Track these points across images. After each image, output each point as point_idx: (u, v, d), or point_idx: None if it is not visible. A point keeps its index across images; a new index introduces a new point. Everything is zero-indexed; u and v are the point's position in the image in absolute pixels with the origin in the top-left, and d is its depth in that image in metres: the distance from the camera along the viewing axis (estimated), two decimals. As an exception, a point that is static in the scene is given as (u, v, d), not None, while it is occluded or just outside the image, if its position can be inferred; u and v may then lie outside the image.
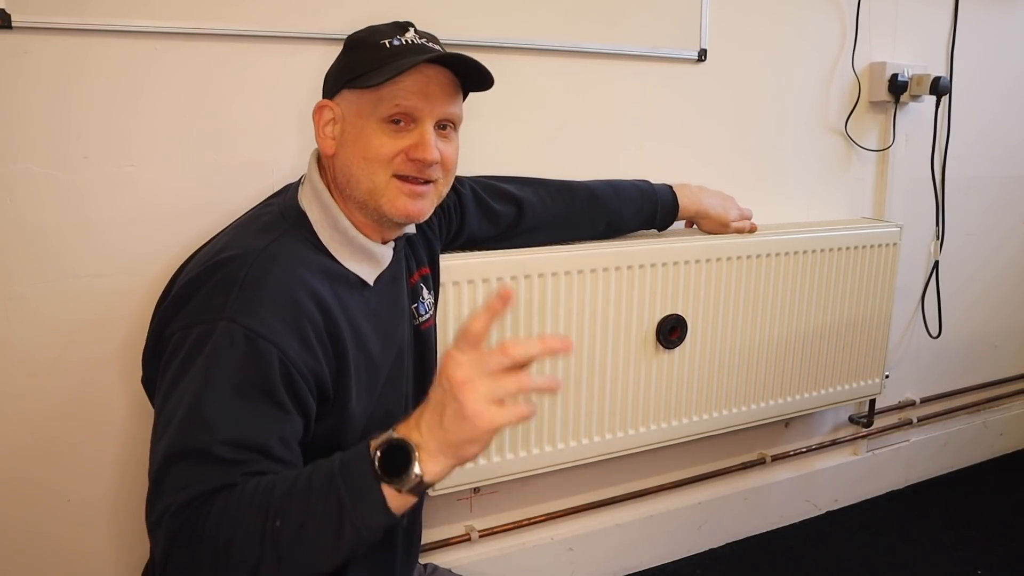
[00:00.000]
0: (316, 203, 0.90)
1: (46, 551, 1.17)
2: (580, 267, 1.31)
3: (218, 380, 0.75)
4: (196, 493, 0.70)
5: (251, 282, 0.79)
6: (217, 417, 0.74)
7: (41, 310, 1.09)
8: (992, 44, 1.91)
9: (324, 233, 0.89)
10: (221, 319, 0.77)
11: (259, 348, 0.76)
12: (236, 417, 0.75)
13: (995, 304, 2.12)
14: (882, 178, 1.82)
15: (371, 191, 0.88)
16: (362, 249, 0.91)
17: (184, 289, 0.83)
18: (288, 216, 0.90)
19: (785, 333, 1.58)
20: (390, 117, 0.87)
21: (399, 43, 0.88)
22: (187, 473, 0.72)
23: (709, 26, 1.51)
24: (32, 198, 1.06)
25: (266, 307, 0.78)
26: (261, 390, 0.76)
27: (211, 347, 0.76)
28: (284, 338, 0.78)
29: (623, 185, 1.34)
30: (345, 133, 0.89)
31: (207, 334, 0.77)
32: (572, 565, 1.60)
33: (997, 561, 1.75)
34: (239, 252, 0.83)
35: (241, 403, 0.75)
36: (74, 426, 1.14)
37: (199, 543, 0.69)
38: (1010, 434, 2.26)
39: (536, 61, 1.36)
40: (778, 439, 1.83)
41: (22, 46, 1.02)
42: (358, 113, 0.88)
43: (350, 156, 0.88)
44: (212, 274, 0.81)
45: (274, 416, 0.77)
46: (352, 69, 0.88)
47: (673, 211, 1.37)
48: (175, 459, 0.73)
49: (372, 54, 0.88)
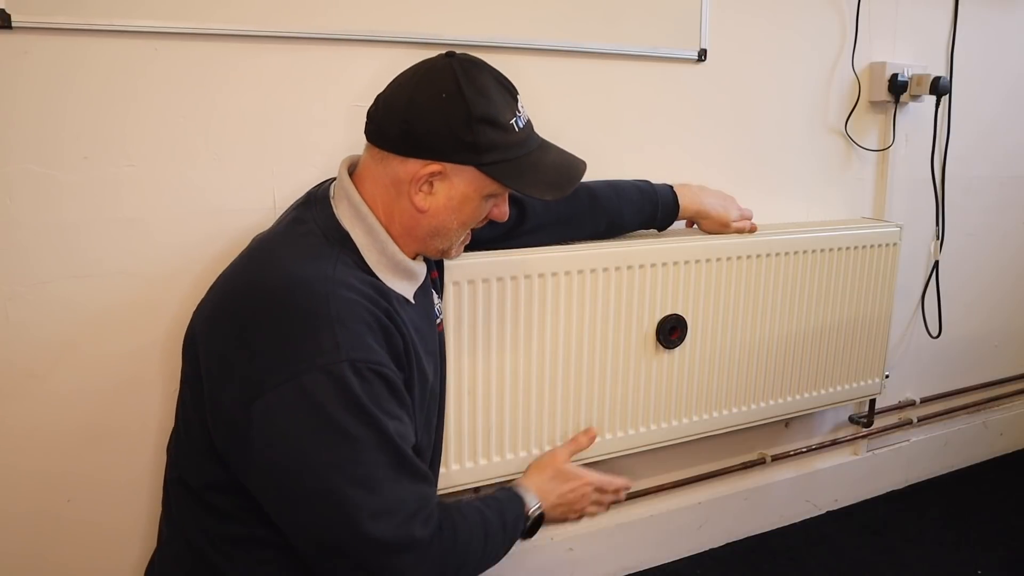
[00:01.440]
0: (360, 225, 0.91)
1: (46, 551, 1.17)
2: (580, 267, 1.31)
3: (366, 405, 0.81)
4: (436, 518, 0.87)
5: (343, 317, 0.82)
6: (395, 436, 0.83)
7: (42, 310, 1.09)
8: (992, 44, 1.91)
9: (371, 256, 0.92)
10: (340, 360, 0.80)
11: (384, 375, 0.84)
12: (401, 431, 0.85)
13: (995, 304, 2.12)
14: (882, 178, 1.82)
15: (451, 245, 0.97)
16: (406, 270, 0.95)
17: (257, 319, 0.83)
18: (332, 237, 0.90)
19: (785, 333, 1.58)
20: (498, 192, 0.94)
21: (521, 124, 0.92)
22: (409, 487, 0.85)
23: (709, 26, 1.51)
24: (32, 198, 1.06)
25: (367, 336, 0.84)
26: (399, 403, 0.86)
27: (348, 384, 0.80)
28: (389, 359, 0.86)
29: (623, 185, 1.34)
30: (452, 200, 0.91)
31: (336, 375, 0.80)
32: (572, 565, 1.60)
33: (997, 561, 1.75)
34: (307, 282, 0.84)
35: (390, 417, 0.84)
36: (74, 426, 1.14)
37: (452, 554, 0.89)
38: (1010, 434, 2.26)
39: (536, 61, 1.36)
40: (778, 439, 1.83)
41: (22, 46, 1.02)
42: (474, 188, 0.91)
43: (450, 220, 0.93)
44: (290, 308, 0.82)
45: (410, 419, 0.89)
46: (489, 155, 0.89)
47: (674, 211, 1.37)
48: (394, 478, 0.83)
49: (507, 141, 0.90)
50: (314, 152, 1.21)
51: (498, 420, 1.31)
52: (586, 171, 0.98)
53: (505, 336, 1.28)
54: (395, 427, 0.84)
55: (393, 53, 1.23)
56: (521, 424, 1.33)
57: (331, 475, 0.80)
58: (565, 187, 0.94)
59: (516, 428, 1.33)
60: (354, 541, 0.80)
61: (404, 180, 0.90)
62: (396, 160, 0.89)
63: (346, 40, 1.19)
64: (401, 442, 0.84)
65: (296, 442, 0.80)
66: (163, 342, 1.17)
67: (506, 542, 0.99)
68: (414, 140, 0.88)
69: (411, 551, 0.82)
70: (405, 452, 0.84)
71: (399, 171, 0.90)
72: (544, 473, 1.13)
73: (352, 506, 0.80)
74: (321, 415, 0.79)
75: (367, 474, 0.81)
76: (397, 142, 0.89)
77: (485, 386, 1.28)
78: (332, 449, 0.80)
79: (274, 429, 0.80)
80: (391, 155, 0.90)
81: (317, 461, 0.80)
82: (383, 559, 0.82)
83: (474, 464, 1.31)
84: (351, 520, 0.79)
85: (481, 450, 1.31)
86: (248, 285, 0.87)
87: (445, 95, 0.87)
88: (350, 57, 1.21)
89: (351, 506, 0.80)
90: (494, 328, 1.26)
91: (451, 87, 0.87)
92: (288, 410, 0.79)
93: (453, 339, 1.24)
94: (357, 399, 0.80)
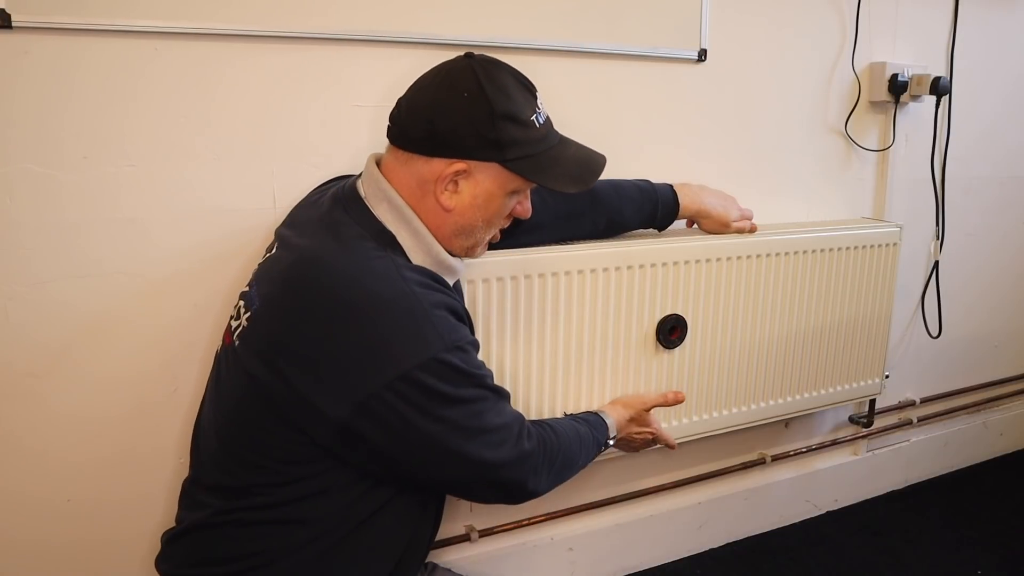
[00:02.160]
0: (406, 228, 0.94)
1: (46, 551, 1.17)
2: (580, 267, 1.31)
3: (475, 372, 0.92)
4: (534, 431, 1.01)
5: (428, 309, 0.88)
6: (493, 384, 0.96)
7: (41, 310, 1.09)
8: (992, 44, 1.91)
9: (417, 256, 0.95)
10: (450, 348, 0.88)
11: (473, 343, 0.94)
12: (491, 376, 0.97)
13: (995, 304, 2.12)
14: (882, 178, 1.82)
15: (477, 243, 1.00)
16: (449, 268, 0.98)
17: (351, 328, 0.86)
18: (380, 239, 0.93)
19: (785, 333, 1.58)
20: (521, 189, 0.97)
21: (541, 120, 0.96)
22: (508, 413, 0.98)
23: (709, 26, 1.51)
24: (32, 198, 1.06)
25: (452, 317, 0.91)
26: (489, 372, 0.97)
27: (467, 371, 0.90)
28: (469, 332, 0.95)
29: (623, 184, 1.35)
30: (477, 198, 0.94)
31: (443, 364, 0.87)
32: (572, 565, 1.60)
33: (997, 561, 1.75)
34: (384, 286, 0.88)
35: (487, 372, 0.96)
36: (74, 426, 1.14)
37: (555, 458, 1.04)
38: (1010, 434, 2.26)
39: (536, 61, 1.35)
40: (778, 439, 1.83)
41: (22, 46, 1.02)
42: (499, 185, 0.94)
43: (476, 218, 0.96)
44: (381, 316, 0.86)
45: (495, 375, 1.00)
46: (512, 151, 0.91)
47: (674, 210, 1.37)
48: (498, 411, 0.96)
49: (528, 137, 0.93)
50: (314, 152, 1.21)
51: (498, 420, 1.31)
52: (606, 165, 1.02)
53: (505, 336, 1.28)
54: (489, 376, 0.95)
55: (393, 53, 1.23)
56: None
57: (453, 439, 0.90)
58: (588, 180, 0.98)
59: (516, 428, 1.33)
60: (486, 473, 0.95)
61: (429, 180, 0.92)
62: (421, 161, 0.91)
63: (346, 40, 1.20)
64: (492, 380, 0.96)
65: (419, 427, 0.87)
66: (163, 341, 1.17)
67: (592, 453, 1.16)
68: (438, 139, 0.90)
69: (527, 460, 0.98)
70: (499, 388, 0.97)
71: (424, 171, 0.92)
72: (627, 411, 1.29)
73: (477, 453, 0.92)
74: (437, 396, 0.87)
75: (482, 423, 0.92)
76: (421, 143, 0.91)
77: (485, 386, 1.28)
78: (449, 420, 0.89)
79: (392, 422, 0.86)
80: (416, 156, 0.92)
81: (439, 434, 0.89)
82: (508, 473, 0.96)
83: (474, 464, 1.31)
84: (480, 462, 0.93)
85: (481, 450, 1.31)
86: (325, 296, 0.87)
87: (467, 94, 0.89)
88: (350, 57, 1.21)
89: (476, 454, 0.92)
90: (494, 328, 1.26)
91: (473, 86, 0.89)
92: (407, 403, 0.86)
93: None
94: (465, 372, 0.90)
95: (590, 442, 1.15)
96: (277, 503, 0.92)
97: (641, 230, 1.40)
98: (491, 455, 0.93)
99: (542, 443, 1.01)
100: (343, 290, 0.87)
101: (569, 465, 1.09)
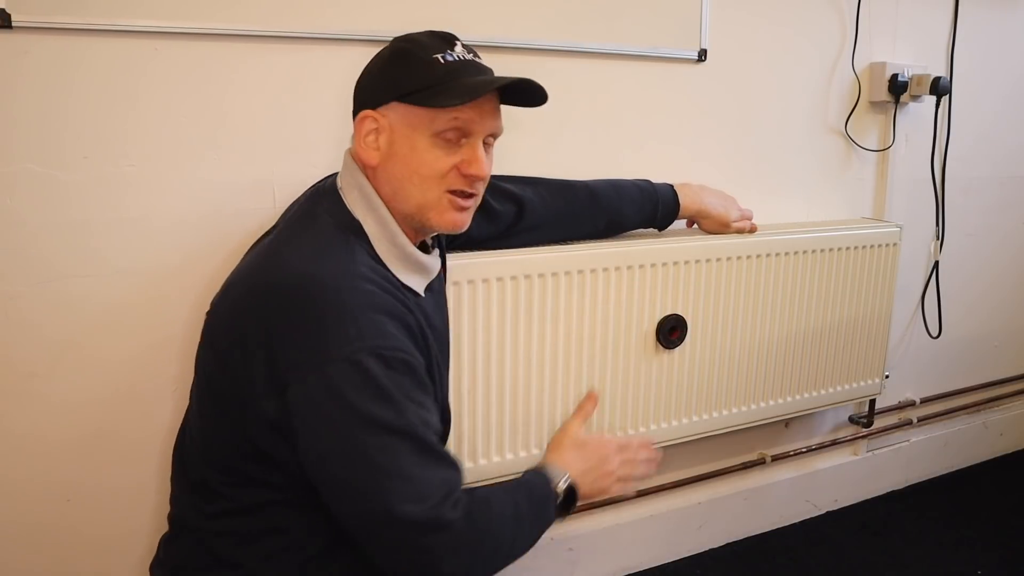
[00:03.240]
0: (372, 216, 0.91)
1: (46, 551, 1.17)
2: (580, 267, 1.31)
3: (391, 393, 0.81)
4: (464, 502, 0.85)
5: (364, 307, 0.83)
6: (418, 422, 0.83)
7: (41, 310, 1.09)
8: (992, 44, 1.91)
9: (381, 247, 0.91)
10: (363, 350, 0.80)
11: (408, 362, 0.84)
12: (425, 417, 0.85)
13: (995, 304, 2.12)
14: (882, 178, 1.82)
15: (421, 206, 0.91)
16: (417, 263, 0.94)
17: (286, 316, 0.82)
18: (347, 229, 0.90)
19: (785, 333, 1.58)
20: (444, 132, 0.88)
21: (453, 59, 0.89)
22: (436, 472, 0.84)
23: (709, 26, 1.51)
24: (32, 198, 1.06)
25: (388, 325, 0.84)
26: (422, 390, 0.86)
27: (371, 373, 0.80)
28: (410, 346, 0.86)
29: (624, 184, 1.34)
30: (394, 145, 0.89)
31: (358, 364, 0.80)
32: (572, 565, 1.60)
33: (997, 561, 1.75)
34: (326, 279, 0.83)
35: (413, 404, 0.84)
36: (74, 426, 1.14)
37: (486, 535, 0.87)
38: (1010, 434, 2.26)
39: (536, 61, 1.36)
40: (778, 439, 1.83)
41: (22, 46, 1.02)
42: (411, 127, 0.88)
43: (400, 170, 0.90)
44: (316, 305, 0.82)
45: (432, 409, 0.88)
46: (407, 83, 0.88)
47: (674, 210, 1.37)
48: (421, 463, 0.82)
49: (428, 70, 0.87)
50: (314, 152, 1.21)
51: (498, 420, 1.31)
52: (530, 86, 0.91)
53: (505, 336, 1.28)
54: (418, 413, 0.84)
55: (393, 53, 1.23)
56: (521, 424, 1.33)
57: (361, 463, 0.80)
58: (477, 91, 0.87)
59: (516, 428, 1.33)
60: (389, 523, 0.81)
61: (355, 146, 0.92)
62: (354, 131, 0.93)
63: (347, 40, 1.20)
64: (424, 428, 0.84)
65: (326, 432, 0.81)
66: (163, 341, 1.17)
67: (539, 522, 0.95)
68: (356, 103, 0.93)
69: (444, 531, 0.82)
70: (429, 438, 0.84)
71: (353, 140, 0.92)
72: (561, 446, 1.08)
73: (384, 491, 0.80)
74: (346, 405, 0.79)
75: (395, 460, 0.81)
76: (353, 115, 0.93)
77: (485, 386, 1.28)
78: (360, 438, 0.80)
79: (305, 421, 0.81)
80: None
81: (346, 450, 0.80)
82: (418, 539, 0.81)
83: (474, 464, 1.31)
84: (384, 504, 0.80)
85: (481, 450, 1.31)
86: (267, 285, 0.86)
87: (378, 55, 0.92)
88: (350, 57, 1.21)
89: (383, 491, 0.80)
90: (494, 328, 1.26)
91: (385, 49, 0.92)
92: (316, 402, 0.80)
93: (453, 339, 1.23)
94: (381, 387, 0.80)
95: (532, 514, 0.94)
96: (245, 509, 0.90)
97: (641, 230, 1.40)
98: (399, 507, 0.79)
99: (470, 519, 0.84)
100: (285, 278, 0.84)
101: (503, 550, 0.90)
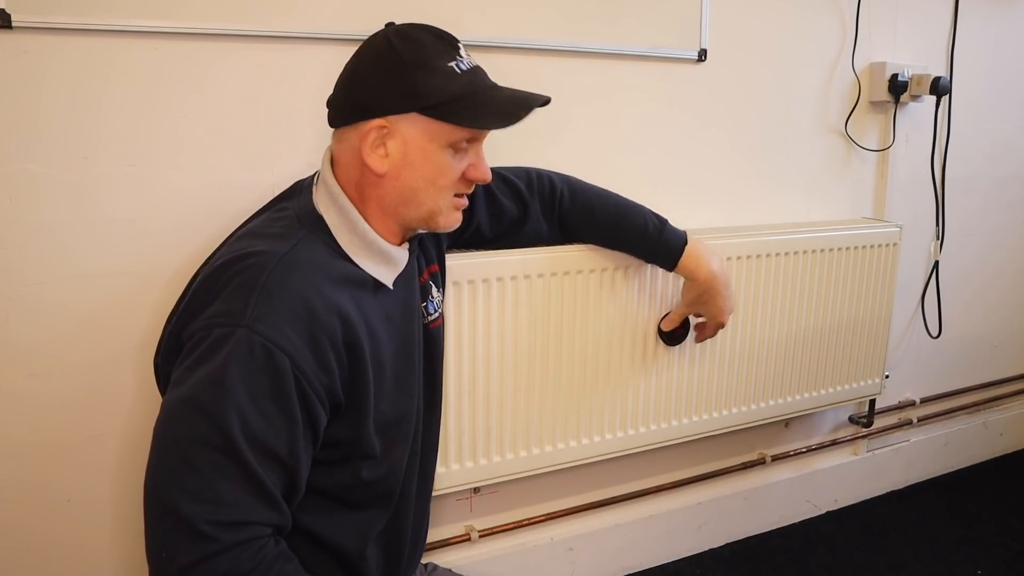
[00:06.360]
0: (334, 207, 0.90)
1: (46, 551, 1.17)
2: (580, 267, 1.31)
3: (232, 384, 0.76)
4: (266, 553, 0.78)
5: (271, 289, 0.80)
6: (244, 434, 0.77)
7: (41, 310, 1.09)
8: (992, 44, 1.91)
9: (343, 237, 0.90)
10: (240, 325, 0.77)
11: (275, 360, 0.78)
12: (263, 435, 0.78)
13: (995, 304, 2.12)
14: (882, 178, 1.82)
15: (433, 212, 0.91)
16: (381, 252, 0.92)
17: (202, 291, 0.83)
18: (305, 221, 0.89)
19: (785, 333, 1.58)
20: (459, 142, 0.89)
21: (465, 68, 0.89)
22: (245, 496, 0.77)
23: (709, 26, 1.51)
24: (32, 198, 1.06)
25: (284, 317, 0.79)
26: (273, 400, 0.79)
27: (228, 351, 0.77)
28: (301, 351, 0.80)
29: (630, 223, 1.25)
30: (408, 156, 0.88)
31: (225, 338, 0.77)
32: (572, 565, 1.60)
33: (997, 561, 1.75)
34: (258, 256, 0.83)
35: (254, 409, 0.77)
36: (74, 426, 1.14)
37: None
38: (1010, 434, 2.26)
39: (536, 61, 1.36)
40: (778, 439, 1.83)
41: (22, 46, 1.02)
42: (429, 138, 0.88)
43: (415, 180, 0.89)
44: (231, 276, 0.81)
45: (286, 427, 0.80)
46: (429, 96, 0.86)
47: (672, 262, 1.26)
48: (192, 454, 0.76)
49: (448, 83, 0.87)
50: (313, 152, 1.21)
51: (498, 420, 1.31)
52: (549, 103, 0.93)
53: (505, 336, 1.28)
54: (257, 424, 0.77)
55: (393, 53, 1.23)
56: (521, 424, 1.33)
57: (175, 436, 0.77)
58: (518, 113, 0.90)
59: (516, 428, 1.33)
60: (163, 523, 0.75)
61: (358, 148, 0.88)
62: (351, 131, 0.89)
63: (346, 40, 1.19)
64: (248, 444, 0.76)
65: (176, 377, 0.79)
66: (163, 342, 1.17)
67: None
68: (357, 104, 0.88)
69: (220, 563, 0.75)
70: (249, 459, 0.76)
71: (354, 141, 0.89)
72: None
73: (166, 483, 0.75)
74: (200, 358, 0.77)
75: (199, 452, 0.75)
76: (347, 114, 0.90)
77: (485, 386, 1.28)
78: (186, 411, 0.76)
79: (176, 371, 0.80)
80: (346, 129, 0.90)
81: (172, 415, 0.78)
82: (182, 541, 0.74)
83: (474, 464, 1.31)
84: (165, 497, 0.75)
85: (481, 450, 1.31)
86: (212, 266, 0.87)
87: (378, 53, 0.88)
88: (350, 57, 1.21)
89: (165, 481, 0.76)
90: (494, 328, 1.26)
91: (384, 46, 0.88)
92: (184, 356, 0.80)
93: (453, 339, 1.24)
94: (225, 370, 0.76)
95: None
96: None
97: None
98: (184, 505, 0.73)
99: (261, 570, 0.77)
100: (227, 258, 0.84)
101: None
